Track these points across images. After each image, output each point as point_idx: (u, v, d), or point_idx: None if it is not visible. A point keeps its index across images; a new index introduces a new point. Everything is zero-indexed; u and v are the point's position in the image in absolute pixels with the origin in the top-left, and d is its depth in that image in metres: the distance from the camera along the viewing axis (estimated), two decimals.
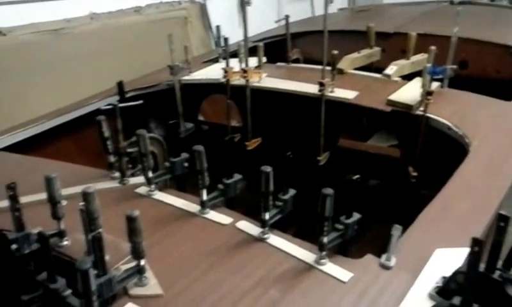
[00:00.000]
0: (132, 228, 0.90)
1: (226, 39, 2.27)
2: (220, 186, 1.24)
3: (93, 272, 0.78)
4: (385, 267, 1.00)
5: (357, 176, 1.12)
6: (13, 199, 1.03)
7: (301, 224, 1.53)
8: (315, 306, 0.93)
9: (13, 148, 1.84)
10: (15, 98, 2.63)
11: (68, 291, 0.91)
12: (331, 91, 1.92)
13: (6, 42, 2.71)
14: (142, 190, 1.33)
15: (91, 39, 3.09)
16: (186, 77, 2.27)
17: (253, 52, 2.27)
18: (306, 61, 2.63)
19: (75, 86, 2.50)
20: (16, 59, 2.74)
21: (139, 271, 0.95)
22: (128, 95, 2.14)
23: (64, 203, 1.11)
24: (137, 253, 0.93)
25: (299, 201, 1.21)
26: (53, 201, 1.06)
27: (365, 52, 2.36)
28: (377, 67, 2.31)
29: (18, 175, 1.20)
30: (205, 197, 1.20)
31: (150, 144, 1.33)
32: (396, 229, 1.03)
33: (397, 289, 0.95)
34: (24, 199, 1.14)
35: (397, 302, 0.91)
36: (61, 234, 1.10)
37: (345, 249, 1.11)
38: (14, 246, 1.07)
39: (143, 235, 0.92)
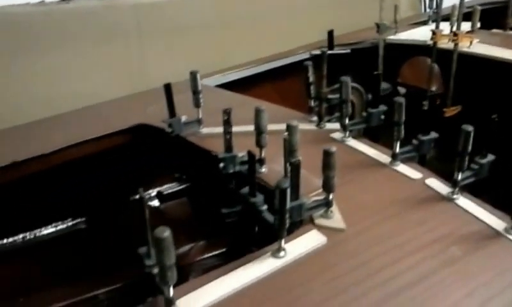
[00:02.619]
0: (327, 161, 0.97)
1: (439, 0, 2.19)
2: (415, 141, 1.24)
3: (289, 192, 0.87)
4: None
5: None
6: (227, 123, 1.18)
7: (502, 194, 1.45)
8: (496, 272, 0.91)
9: (226, 86, 2.06)
10: (232, 43, 2.86)
11: (265, 207, 1.03)
12: None
13: None
14: (336, 135, 1.40)
15: None
16: (391, 37, 2.26)
17: (467, 18, 2.16)
18: None
19: (280, 38, 2.64)
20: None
21: (326, 204, 1.03)
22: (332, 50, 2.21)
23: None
24: (328, 186, 1.00)
25: (503, 171, 1.17)
26: (259, 130, 1.19)
27: None
28: None
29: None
30: (397, 149, 1.22)
31: (351, 93, 1.38)
32: None
33: None
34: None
35: None
36: (261, 161, 1.23)
37: None
38: (221, 165, 1.24)
39: (335, 170, 0.98)
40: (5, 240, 1.69)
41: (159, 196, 1.79)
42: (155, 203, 1.80)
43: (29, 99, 1.96)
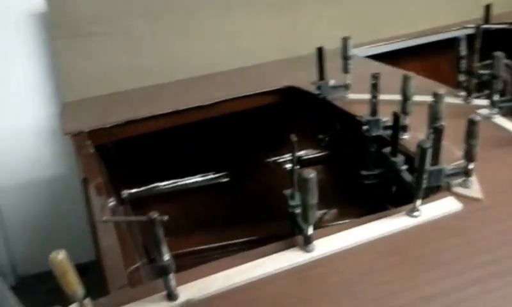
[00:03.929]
0: (471, 130, 0.99)
1: None
2: None
3: (430, 152, 0.91)
4: None
5: None
6: (375, 87, 1.24)
7: None
8: None
9: (373, 58, 2.10)
10: (383, 15, 2.83)
11: (404, 167, 1.08)
12: None
13: None
14: (483, 111, 1.39)
15: None
16: None
17: None
18: None
19: (433, 12, 2.56)
20: None
21: (466, 172, 1.05)
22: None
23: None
24: (469, 155, 1.02)
25: None
26: (405, 97, 1.23)
27: None
28: None
29: None
30: None
31: (504, 70, 1.35)
32: None
33: None
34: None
35: None
36: (404, 128, 1.27)
37: None
38: (365, 127, 1.31)
39: (478, 140, 1.00)
40: (157, 184, 1.92)
41: (298, 160, 1.91)
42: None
43: (197, 56, 2.18)
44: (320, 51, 1.52)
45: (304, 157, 1.99)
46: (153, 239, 0.79)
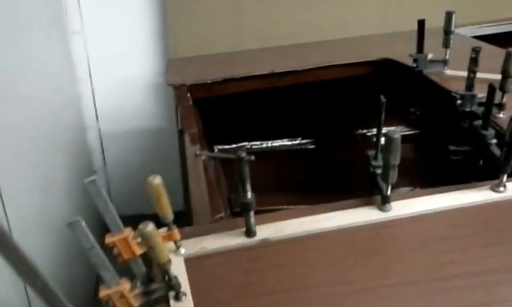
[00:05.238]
0: None
1: None
2: None
3: None
4: None
5: None
6: (474, 61, 1.21)
7: None
8: None
9: (482, 39, 2.02)
10: None
11: (494, 141, 1.05)
12: None
13: None
14: None
15: None
16: None
17: None
18: None
19: None
20: None
21: None
22: None
23: None
24: None
25: None
26: (506, 73, 1.18)
27: None
28: None
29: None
30: None
31: None
32: None
33: None
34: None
35: None
36: (500, 106, 1.23)
37: None
38: (459, 102, 1.28)
39: None
40: (246, 143, 2.00)
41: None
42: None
43: (299, 24, 2.23)
44: (421, 24, 1.49)
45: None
46: (239, 176, 0.85)
